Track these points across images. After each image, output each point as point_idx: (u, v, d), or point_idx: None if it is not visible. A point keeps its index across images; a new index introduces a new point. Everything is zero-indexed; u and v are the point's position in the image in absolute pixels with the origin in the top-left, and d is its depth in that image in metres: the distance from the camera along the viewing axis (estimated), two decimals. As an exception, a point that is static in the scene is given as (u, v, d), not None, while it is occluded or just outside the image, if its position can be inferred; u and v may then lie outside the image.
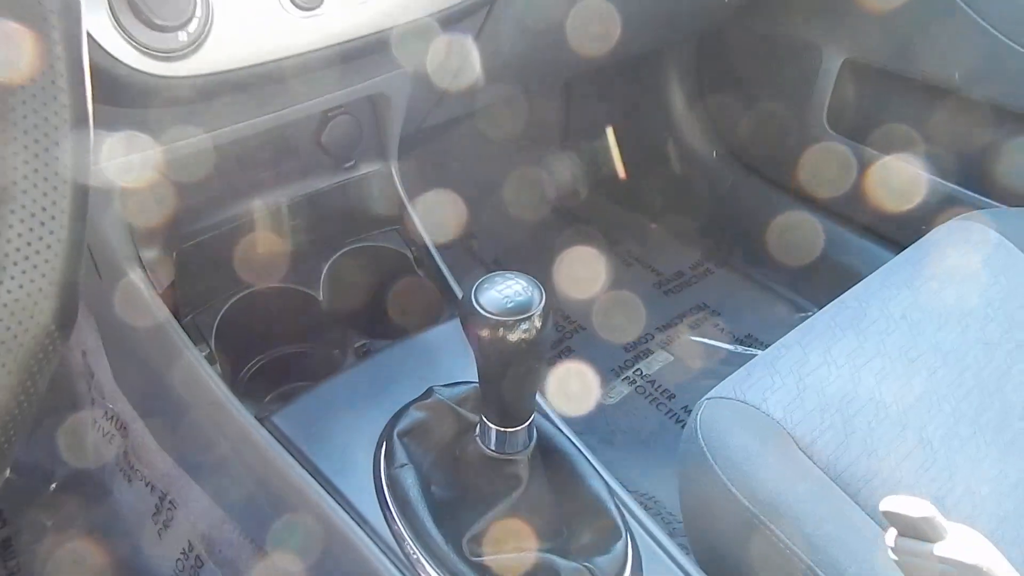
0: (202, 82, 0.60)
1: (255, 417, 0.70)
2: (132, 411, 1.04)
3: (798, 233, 1.50)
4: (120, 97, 0.58)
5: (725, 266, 1.63)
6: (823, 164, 1.43)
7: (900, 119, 1.33)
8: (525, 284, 0.49)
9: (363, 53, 0.70)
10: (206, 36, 0.58)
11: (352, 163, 0.89)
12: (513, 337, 0.47)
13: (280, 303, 0.87)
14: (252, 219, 0.85)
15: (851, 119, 1.40)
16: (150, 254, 0.79)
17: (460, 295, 0.86)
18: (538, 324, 0.48)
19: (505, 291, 0.48)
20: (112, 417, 1.10)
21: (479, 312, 0.48)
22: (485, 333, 0.48)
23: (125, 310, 0.80)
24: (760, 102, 1.54)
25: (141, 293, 0.77)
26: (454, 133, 1.45)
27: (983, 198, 1.23)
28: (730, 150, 1.63)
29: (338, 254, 0.90)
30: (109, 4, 0.53)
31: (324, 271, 0.88)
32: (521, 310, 0.48)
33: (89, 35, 0.53)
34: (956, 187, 1.26)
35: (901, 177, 1.32)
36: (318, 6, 0.63)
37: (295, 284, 0.87)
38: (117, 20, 0.54)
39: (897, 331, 0.78)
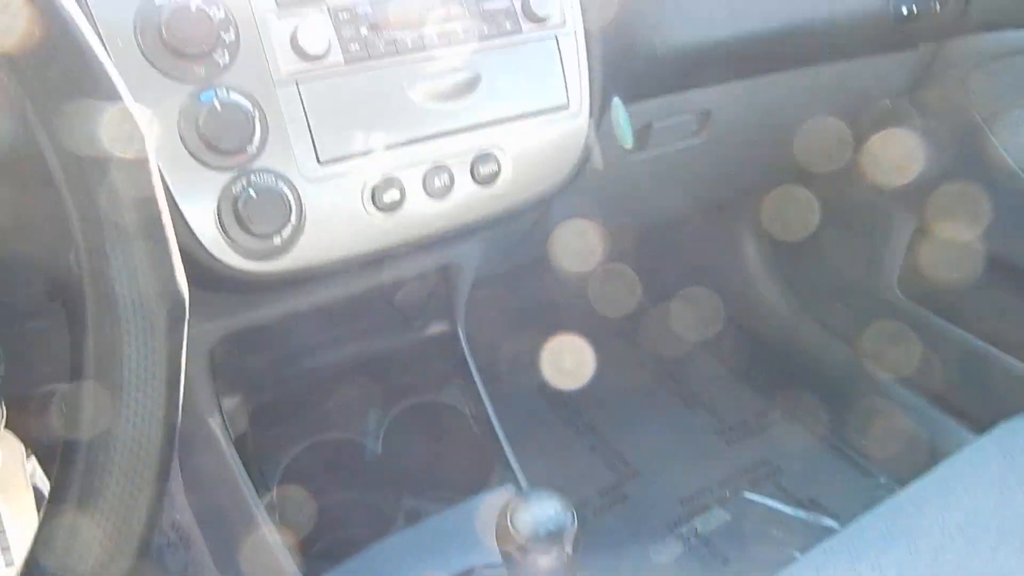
0: (291, 276, 0.67)
1: (304, 576, 0.74)
2: (197, 527, 1.09)
3: (869, 397, 1.47)
4: (219, 286, 0.66)
5: (791, 419, 1.60)
6: (894, 330, 1.41)
7: (973, 291, 1.32)
8: (558, 508, 0.52)
9: (442, 240, 0.76)
10: (297, 238, 0.65)
11: (421, 322, 0.94)
12: (544, 562, 0.50)
13: (339, 452, 0.92)
14: (323, 371, 0.91)
15: (923, 287, 1.39)
16: (229, 402, 0.85)
17: (513, 461, 0.89)
18: (569, 550, 0.50)
19: (539, 515, 0.51)
20: (177, 528, 1.16)
21: (511, 534, 0.51)
22: (517, 554, 0.51)
23: (202, 451, 0.86)
24: (833, 261, 1.55)
25: (218, 441, 0.83)
26: (526, 276, 1.51)
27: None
28: (804, 305, 1.63)
29: (399, 409, 0.95)
30: (217, 214, 0.61)
31: (385, 425, 0.93)
32: (552, 536, 0.50)
33: (196, 237, 0.61)
34: (1032, 371, 1.23)
35: (973, 353, 1.29)
36: (399, 207, 0.70)
37: (356, 435, 0.92)
38: (223, 227, 0.61)
39: (952, 547, 0.77)
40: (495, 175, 0.74)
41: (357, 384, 0.93)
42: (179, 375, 0.40)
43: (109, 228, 0.36)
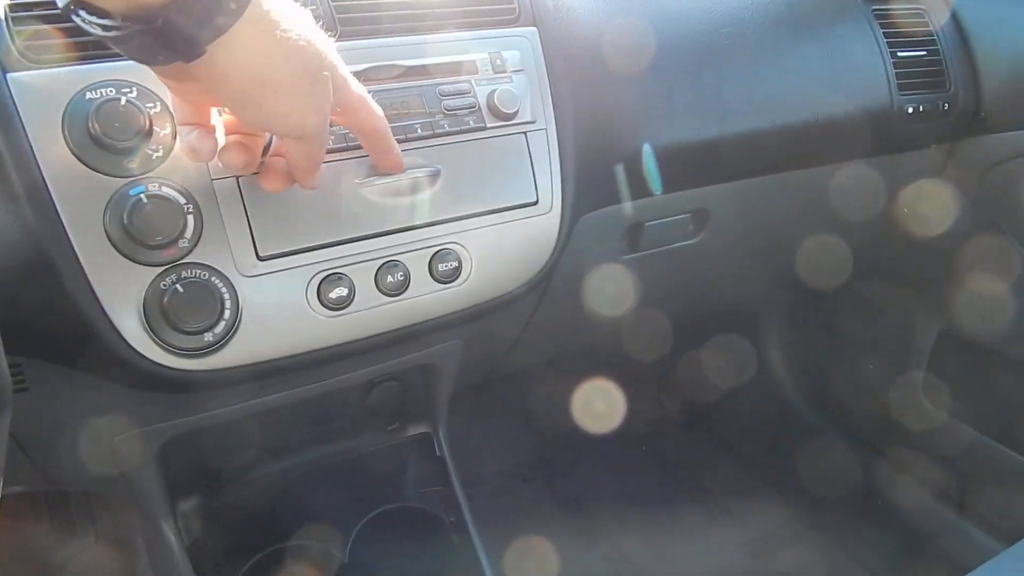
0: (229, 375, 0.64)
1: None
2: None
3: (899, 509, 1.36)
4: (150, 385, 0.63)
5: (817, 529, 1.48)
6: (921, 435, 1.32)
7: (997, 397, 1.22)
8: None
9: (397, 342, 0.73)
10: (232, 336, 0.62)
11: (397, 425, 0.90)
12: None
13: (302, 561, 0.86)
14: (288, 473, 0.87)
15: (947, 392, 1.30)
16: (185, 505, 0.82)
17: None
18: None
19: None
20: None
21: None
22: None
23: (153, 556, 0.82)
24: (858, 365, 1.46)
25: (171, 547, 0.79)
26: (516, 382, 1.46)
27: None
28: (826, 408, 1.54)
29: (372, 514, 0.89)
30: (143, 310, 0.59)
31: (354, 533, 0.87)
32: None
33: (119, 333, 0.59)
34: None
35: (1001, 463, 1.19)
36: (347, 303, 0.67)
37: (321, 543, 0.87)
38: (148, 324, 0.59)
39: None
40: (455, 272, 0.71)
41: (325, 487, 0.89)
42: None
43: None
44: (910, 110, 1.00)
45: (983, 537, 1.24)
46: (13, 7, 0.57)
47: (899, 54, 1.01)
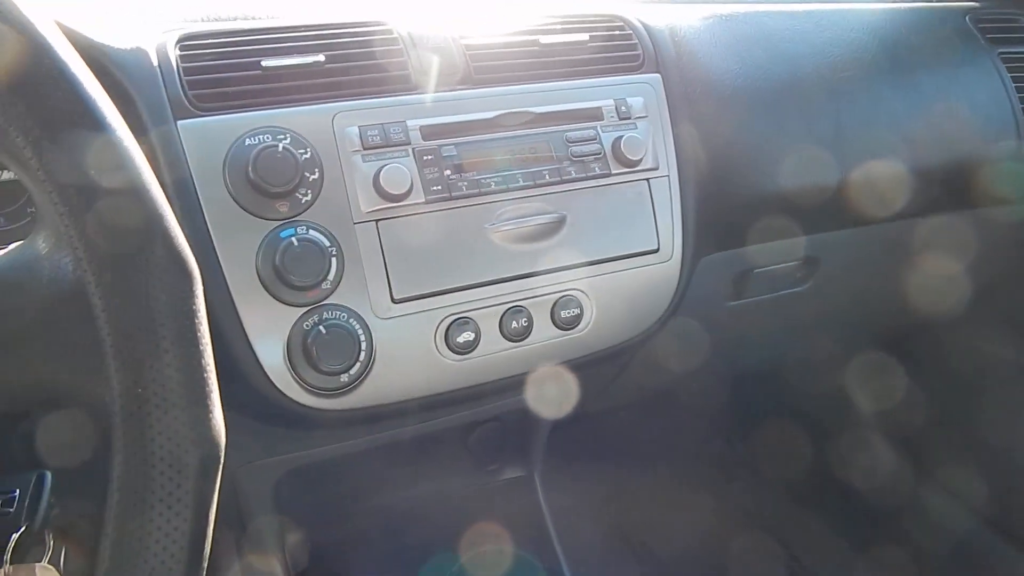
0: (357, 414, 0.64)
1: None
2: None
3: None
4: (285, 421, 0.64)
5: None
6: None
7: None
8: None
9: (514, 387, 0.73)
10: (365, 377, 0.63)
11: (496, 466, 0.90)
12: None
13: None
14: (390, 510, 0.87)
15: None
16: (292, 538, 0.82)
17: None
18: None
19: None
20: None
21: None
22: None
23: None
24: (962, 422, 1.40)
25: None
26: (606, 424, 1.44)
27: None
28: (928, 471, 1.47)
29: (470, 554, 0.89)
30: (287, 349, 0.60)
31: (454, 571, 0.87)
32: None
33: (264, 371, 0.60)
34: None
35: None
36: (472, 348, 0.67)
37: (421, 582, 0.87)
38: (291, 363, 0.60)
39: None
40: (577, 319, 0.71)
41: (426, 525, 0.89)
42: (206, 524, 0.38)
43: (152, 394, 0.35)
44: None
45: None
46: (184, 57, 0.60)
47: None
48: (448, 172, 0.67)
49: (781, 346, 1.13)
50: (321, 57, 0.66)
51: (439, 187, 0.66)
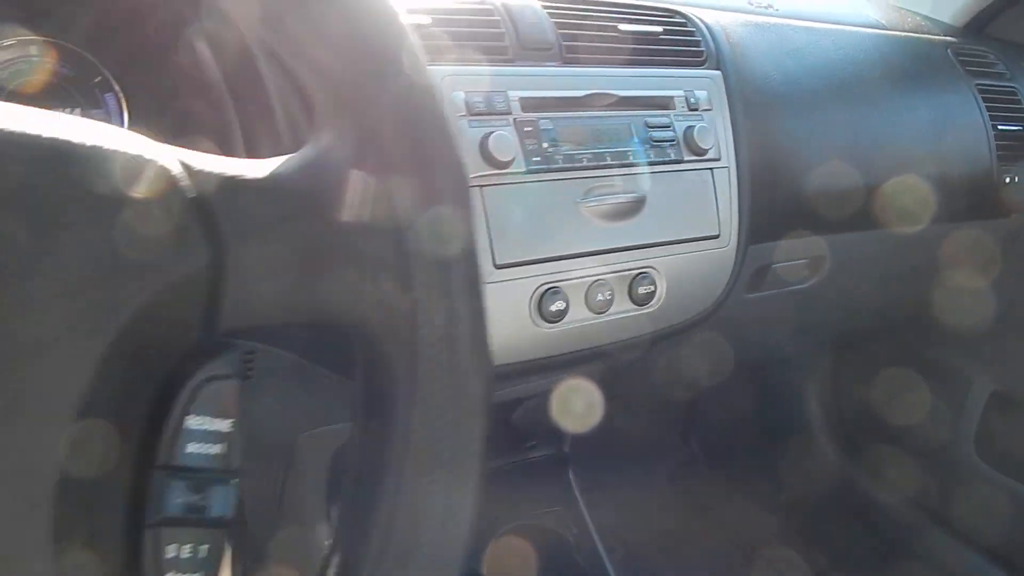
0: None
1: None
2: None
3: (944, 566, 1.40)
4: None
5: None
6: (973, 498, 1.37)
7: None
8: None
9: (588, 359, 0.75)
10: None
11: (534, 443, 0.91)
12: None
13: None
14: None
15: (1001, 451, 1.36)
16: (335, 511, 0.81)
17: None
18: None
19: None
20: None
21: None
22: None
23: (300, 560, 0.81)
24: (903, 422, 1.52)
25: (319, 551, 0.78)
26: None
27: None
28: (869, 467, 1.59)
29: (499, 533, 0.89)
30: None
31: (486, 551, 0.87)
32: None
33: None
34: None
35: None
36: (562, 317, 0.69)
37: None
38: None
39: None
40: (650, 296, 0.74)
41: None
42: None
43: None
44: (1007, 179, 1.08)
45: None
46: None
47: (999, 127, 1.09)
48: (546, 144, 0.68)
49: (779, 341, 1.19)
50: (428, 19, 0.66)
51: (539, 158, 0.68)
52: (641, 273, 0.73)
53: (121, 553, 0.29)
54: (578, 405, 0.92)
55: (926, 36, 1.20)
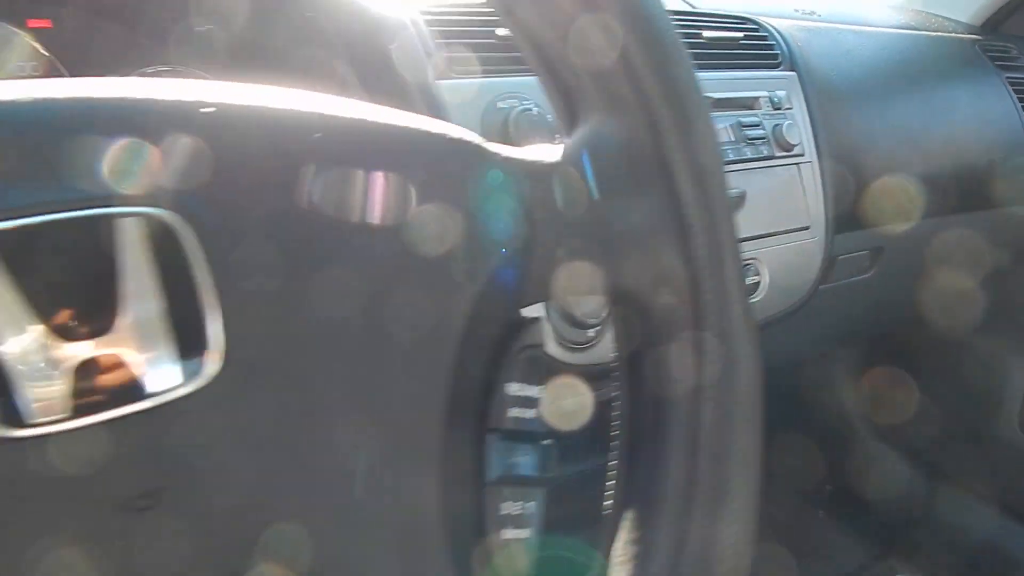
0: (588, 370, 0.67)
1: None
2: None
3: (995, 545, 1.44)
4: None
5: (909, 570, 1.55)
6: (1015, 470, 1.41)
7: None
8: None
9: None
10: (605, 332, 0.66)
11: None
12: None
13: None
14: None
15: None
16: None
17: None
18: None
19: None
20: None
21: None
22: None
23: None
24: (943, 407, 1.56)
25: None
26: None
27: None
28: (911, 451, 1.62)
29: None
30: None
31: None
32: None
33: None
34: None
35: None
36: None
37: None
38: (548, 314, 0.63)
39: None
40: (756, 286, 0.77)
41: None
42: None
43: None
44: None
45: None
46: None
47: (1032, 115, 1.15)
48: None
49: (848, 330, 1.23)
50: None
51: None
52: (748, 263, 0.77)
53: (468, 515, 0.32)
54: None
55: (955, 35, 1.26)
